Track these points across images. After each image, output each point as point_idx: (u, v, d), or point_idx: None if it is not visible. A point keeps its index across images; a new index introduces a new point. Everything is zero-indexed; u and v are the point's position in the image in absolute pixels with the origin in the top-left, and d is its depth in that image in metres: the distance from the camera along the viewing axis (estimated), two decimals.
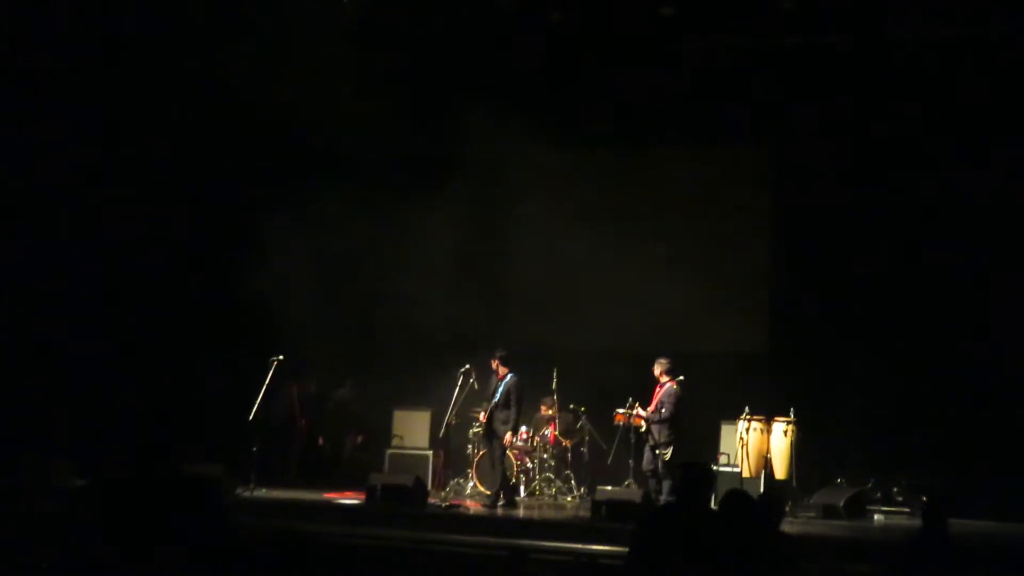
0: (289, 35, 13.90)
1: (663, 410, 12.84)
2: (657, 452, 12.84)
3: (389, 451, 14.87)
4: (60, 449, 13.32)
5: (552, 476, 14.40)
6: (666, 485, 12.76)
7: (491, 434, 13.43)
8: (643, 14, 14.25)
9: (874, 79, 14.32)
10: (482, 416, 13.56)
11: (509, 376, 13.34)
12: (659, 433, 12.85)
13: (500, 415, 13.32)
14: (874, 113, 14.37)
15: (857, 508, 13.25)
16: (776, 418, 13.56)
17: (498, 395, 13.32)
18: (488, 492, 13.58)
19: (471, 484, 14.17)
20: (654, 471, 12.93)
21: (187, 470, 4.90)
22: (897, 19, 13.74)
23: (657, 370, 13.07)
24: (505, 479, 13.49)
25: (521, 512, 13.27)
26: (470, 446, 14.46)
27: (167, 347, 15.26)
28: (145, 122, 14.88)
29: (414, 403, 15.19)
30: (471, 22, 14.22)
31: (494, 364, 13.43)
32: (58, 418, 14.19)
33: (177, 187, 15.18)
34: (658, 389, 13.01)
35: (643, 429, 13.00)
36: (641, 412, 12.97)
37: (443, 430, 13.76)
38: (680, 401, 12.87)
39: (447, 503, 13.10)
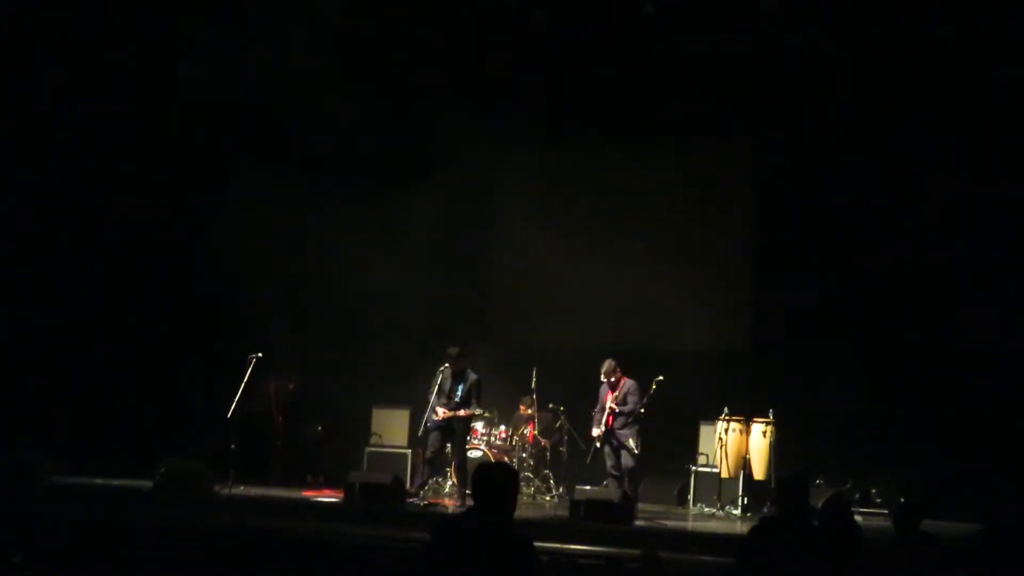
0: (274, 32, 13.86)
1: (630, 401, 12.83)
2: (633, 450, 12.82)
3: (368, 449, 14.81)
4: (38, 445, 13.26)
5: (531, 475, 14.40)
6: (627, 484, 12.75)
7: (449, 432, 13.17)
8: (624, 11, 14.24)
9: (854, 76, 14.34)
10: (442, 413, 13.11)
11: (469, 373, 13.17)
12: (623, 427, 12.85)
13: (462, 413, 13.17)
14: (854, 110, 14.38)
15: None
16: (755, 418, 13.60)
17: (459, 393, 13.13)
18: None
19: (450, 483, 14.13)
20: (621, 471, 12.92)
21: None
22: (877, 18, 13.76)
23: (607, 368, 12.97)
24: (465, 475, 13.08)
25: None
26: (449, 444, 14.40)
27: (146, 343, 15.19)
28: (125, 119, 14.82)
29: (393, 401, 15.13)
30: (451, 19, 14.19)
31: (457, 365, 13.18)
32: (35, 414, 14.14)
33: (157, 180, 15.09)
34: (611, 392, 12.96)
35: (600, 433, 12.96)
36: (612, 404, 12.91)
37: (422, 428, 13.70)
38: (643, 395, 12.88)
39: (426, 502, 13.08)
